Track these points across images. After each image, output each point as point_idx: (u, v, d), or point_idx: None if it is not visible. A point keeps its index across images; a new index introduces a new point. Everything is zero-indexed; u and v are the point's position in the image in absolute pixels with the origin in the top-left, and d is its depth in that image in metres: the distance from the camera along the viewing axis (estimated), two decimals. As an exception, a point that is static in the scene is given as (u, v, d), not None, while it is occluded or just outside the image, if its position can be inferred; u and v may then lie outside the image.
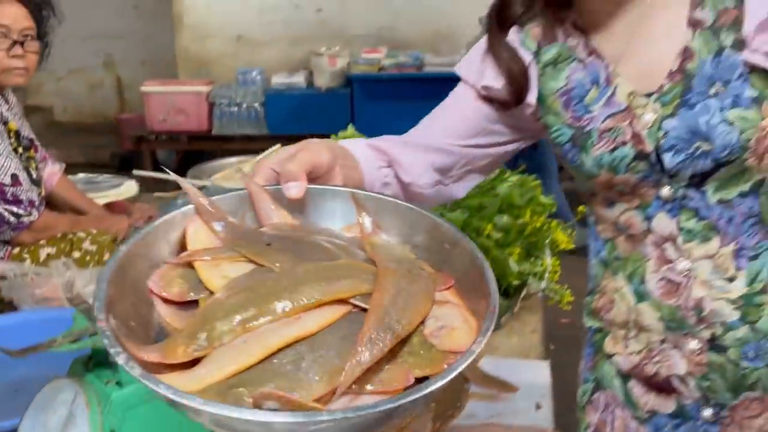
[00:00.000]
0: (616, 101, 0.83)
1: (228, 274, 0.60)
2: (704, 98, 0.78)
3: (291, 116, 4.32)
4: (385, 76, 4.10)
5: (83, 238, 1.68)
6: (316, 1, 4.85)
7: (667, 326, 0.87)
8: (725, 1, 0.78)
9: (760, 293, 0.82)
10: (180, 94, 4.31)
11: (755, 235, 0.82)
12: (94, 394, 0.89)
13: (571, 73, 0.86)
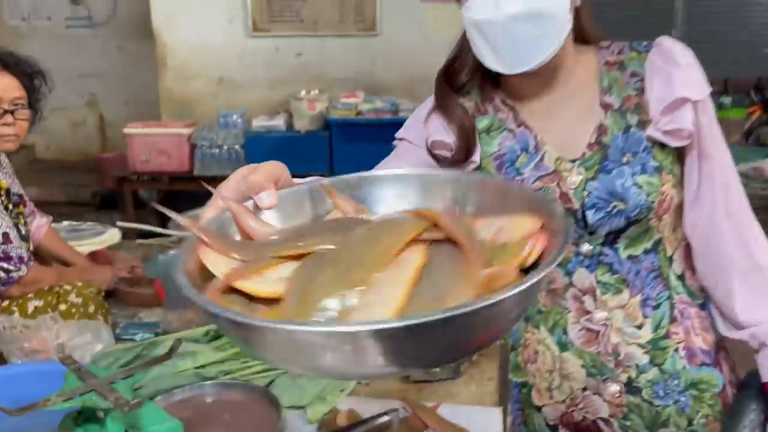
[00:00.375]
0: (545, 165, 0.98)
1: (280, 275, 0.57)
2: (619, 165, 0.95)
3: (271, 158, 4.33)
4: (362, 121, 4.25)
5: (69, 291, 1.77)
6: (296, 46, 5.02)
7: (589, 372, 1.00)
8: (628, 90, 0.96)
9: (664, 338, 0.98)
10: (162, 136, 4.41)
11: (657, 286, 0.98)
12: None
13: (502, 141, 1.02)
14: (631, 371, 0.98)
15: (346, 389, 1.52)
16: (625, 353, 0.98)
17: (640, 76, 0.96)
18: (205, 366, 1.59)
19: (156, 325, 1.89)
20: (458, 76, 1.04)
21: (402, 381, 1.57)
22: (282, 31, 4.98)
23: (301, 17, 4.99)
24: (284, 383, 1.52)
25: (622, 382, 0.99)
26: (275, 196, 0.65)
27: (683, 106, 0.93)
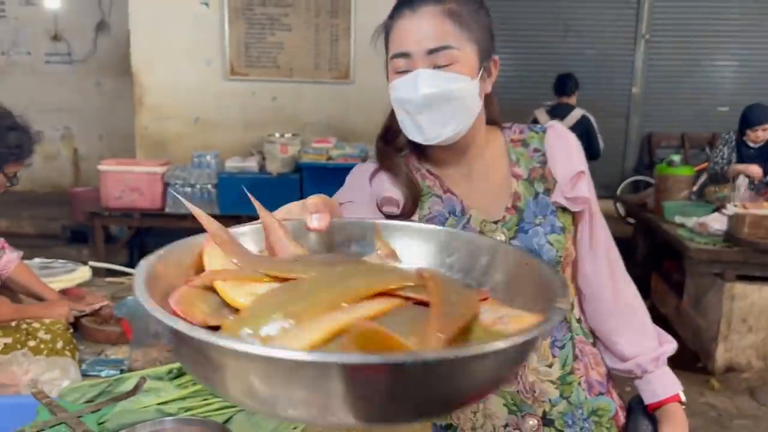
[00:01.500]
0: (471, 227, 1.12)
1: (255, 291, 0.58)
2: (533, 226, 1.10)
3: (242, 198, 4.53)
4: (332, 165, 4.41)
5: (38, 328, 1.85)
6: (271, 90, 5.19)
7: (510, 410, 1.13)
8: (533, 163, 1.13)
9: (570, 374, 1.14)
10: (136, 174, 4.50)
11: (562, 329, 1.15)
12: None
13: (432, 205, 1.14)
14: (546, 405, 1.12)
15: (299, 427, 1.62)
16: (540, 390, 1.12)
17: (541, 151, 1.13)
18: (167, 402, 1.67)
19: (121, 362, 1.97)
20: (396, 140, 1.16)
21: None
22: (258, 75, 5.15)
23: (277, 63, 5.17)
24: (241, 420, 1.61)
25: (539, 415, 1.13)
26: (326, 221, 0.66)
27: (581, 178, 1.10)
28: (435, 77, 1.02)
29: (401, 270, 0.64)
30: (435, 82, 1.02)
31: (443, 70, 1.02)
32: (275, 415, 0.47)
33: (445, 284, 0.59)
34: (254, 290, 0.58)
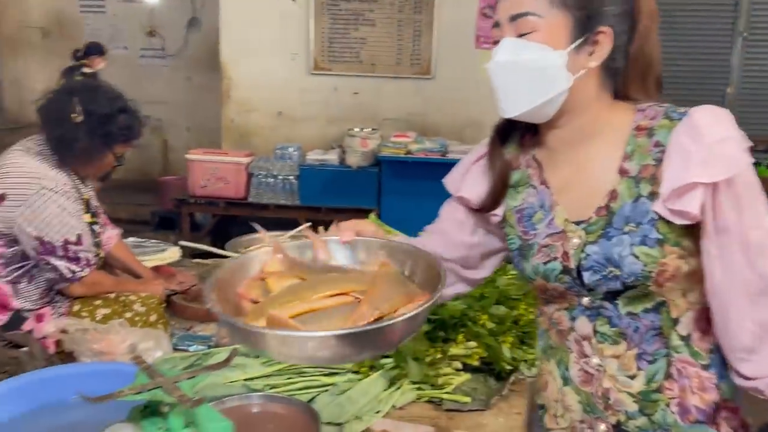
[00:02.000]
0: (555, 224, 1.05)
1: (285, 284, 1.07)
2: (620, 233, 0.97)
3: (322, 190, 4.62)
4: (411, 159, 4.40)
5: (134, 301, 1.93)
6: (353, 85, 5.24)
7: (584, 409, 1.07)
8: (648, 159, 0.98)
9: (656, 391, 1.02)
10: (222, 164, 4.65)
11: (655, 343, 1.01)
12: None
13: (526, 196, 1.09)
14: (620, 415, 1.04)
15: (382, 411, 1.61)
16: (615, 398, 1.03)
17: (663, 146, 0.96)
18: (252, 378, 1.71)
19: (209, 338, 2.02)
20: (513, 130, 1.11)
21: (435, 408, 1.66)
22: (341, 70, 5.21)
23: (360, 58, 5.21)
24: (324, 400, 1.62)
25: (611, 423, 1.05)
26: (348, 237, 1.13)
27: (693, 190, 0.92)
28: (511, 46, 0.97)
29: (362, 278, 1.06)
30: (509, 51, 0.97)
31: (524, 38, 0.97)
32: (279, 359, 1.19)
33: (382, 287, 1.01)
34: (285, 284, 1.07)
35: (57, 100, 1.88)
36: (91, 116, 1.84)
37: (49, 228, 1.79)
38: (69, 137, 1.84)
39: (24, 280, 1.84)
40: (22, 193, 1.78)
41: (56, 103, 1.87)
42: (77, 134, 1.84)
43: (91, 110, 1.84)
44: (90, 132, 1.85)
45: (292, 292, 1.03)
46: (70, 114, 1.83)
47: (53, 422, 1.47)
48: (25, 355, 1.60)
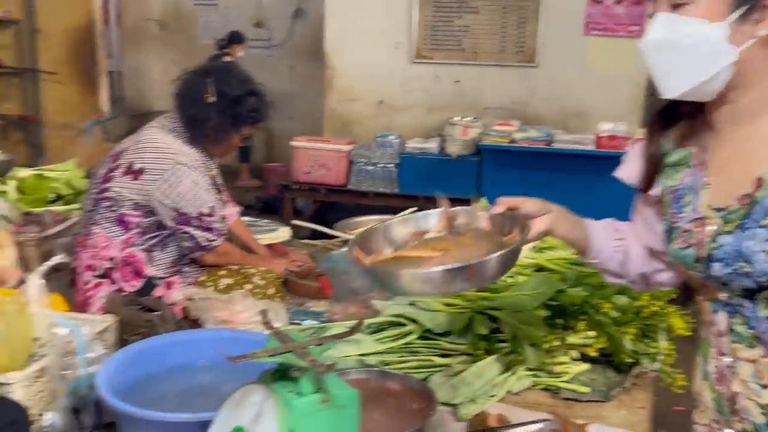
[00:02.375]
0: (698, 209, 0.97)
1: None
2: (756, 226, 0.88)
3: (421, 178, 4.62)
4: (514, 148, 4.31)
5: (254, 274, 2.00)
6: (455, 73, 5.19)
7: (716, 408, 0.99)
8: None
9: None
10: (324, 151, 4.75)
11: None
12: (280, 400, 1.14)
13: (683, 177, 1.01)
14: (746, 424, 0.94)
15: (496, 395, 1.59)
16: (741, 405, 0.94)
17: None
18: (367, 354, 1.73)
19: (321, 314, 2.07)
20: (674, 111, 1.03)
21: (552, 396, 1.61)
22: (443, 58, 5.17)
23: (462, 46, 5.16)
24: (438, 381, 1.62)
25: (737, 430, 0.97)
26: (495, 210, 1.20)
27: None
28: (665, 22, 0.91)
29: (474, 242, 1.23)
30: (663, 28, 0.91)
31: (679, 12, 0.90)
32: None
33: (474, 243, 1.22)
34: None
35: (192, 81, 1.97)
36: (222, 97, 1.92)
37: (184, 201, 1.89)
38: (201, 116, 1.93)
39: (157, 249, 1.95)
40: (159, 168, 1.89)
41: (192, 83, 1.97)
42: (209, 114, 1.92)
43: (223, 92, 1.93)
44: (221, 112, 1.93)
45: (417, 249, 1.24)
46: (204, 94, 1.91)
47: (184, 382, 1.55)
48: (157, 318, 1.69)
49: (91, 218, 1.94)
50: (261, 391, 1.18)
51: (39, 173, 3.15)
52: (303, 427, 1.12)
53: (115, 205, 1.90)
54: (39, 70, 5.99)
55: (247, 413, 1.18)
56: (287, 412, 1.12)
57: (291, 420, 1.11)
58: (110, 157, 1.98)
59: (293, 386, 1.16)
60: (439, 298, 1.75)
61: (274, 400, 1.13)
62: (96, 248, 1.92)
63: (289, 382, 1.18)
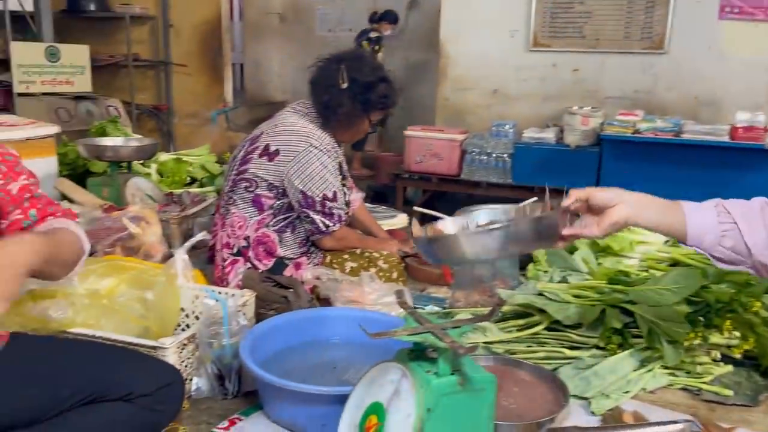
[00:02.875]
0: None
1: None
2: None
3: (536, 169, 4.50)
4: (638, 139, 4.09)
5: (378, 258, 2.04)
6: (573, 61, 5.00)
7: None
8: None
9: None
10: (437, 140, 4.74)
11: None
12: (417, 379, 1.15)
13: None
14: None
15: (630, 392, 1.53)
16: None
17: None
18: (492, 343, 1.72)
19: (443, 300, 2.08)
20: None
21: (692, 397, 1.53)
22: (561, 46, 5.00)
23: (583, 33, 4.96)
24: (567, 373, 1.58)
25: None
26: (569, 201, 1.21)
27: None
28: None
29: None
30: None
31: None
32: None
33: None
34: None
35: (326, 68, 2.03)
36: (354, 83, 1.97)
37: (311, 183, 1.96)
38: (334, 102, 1.99)
39: (288, 230, 2.04)
40: (293, 149, 1.96)
41: (325, 70, 2.03)
42: (341, 99, 1.98)
43: (355, 78, 1.97)
44: (352, 98, 1.98)
45: None
46: (338, 81, 1.97)
47: (317, 356, 1.62)
48: (292, 295, 1.77)
49: (229, 199, 2.05)
50: (398, 369, 1.20)
51: (177, 157, 3.37)
52: (440, 407, 1.13)
53: (251, 186, 2.00)
54: (171, 62, 6.40)
55: (384, 390, 1.21)
56: (425, 391, 1.13)
57: (429, 399, 1.12)
58: (248, 140, 2.09)
59: (430, 366, 1.18)
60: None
61: (412, 379, 1.15)
62: (233, 227, 2.03)
63: (426, 362, 1.19)
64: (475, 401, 1.16)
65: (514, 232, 1.18)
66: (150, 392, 1.26)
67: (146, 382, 1.27)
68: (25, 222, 1.28)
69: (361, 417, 1.21)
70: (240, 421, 1.44)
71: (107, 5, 6.23)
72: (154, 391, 1.27)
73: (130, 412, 1.26)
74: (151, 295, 1.63)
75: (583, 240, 2.07)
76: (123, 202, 2.62)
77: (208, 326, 1.52)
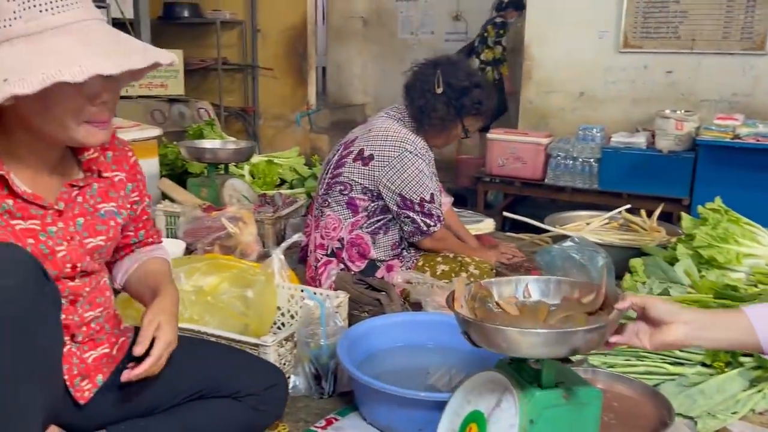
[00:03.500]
0: None
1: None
2: None
3: (625, 174, 4.35)
4: (740, 145, 3.88)
5: (469, 263, 2.03)
6: (666, 63, 4.80)
7: None
8: None
9: None
10: (521, 144, 4.67)
11: None
12: (520, 390, 1.14)
13: None
14: None
15: (738, 413, 1.45)
16: None
17: None
18: (588, 355, 1.68)
19: (534, 309, 2.04)
20: None
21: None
22: (654, 47, 4.81)
23: (677, 34, 4.75)
24: (670, 389, 1.52)
25: None
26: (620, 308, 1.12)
27: None
28: None
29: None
30: None
31: None
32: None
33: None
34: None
35: (422, 73, 2.05)
36: (449, 88, 1.98)
37: (408, 187, 1.98)
38: (429, 107, 2.00)
39: (381, 232, 2.06)
40: (387, 155, 1.99)
41: (421, 75, 2.05)
42: (436, 104, 1.99)
43: (450, 83, 1.98)
44: (447, 103, 1.99)
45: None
46: (433, 85, 1.98)
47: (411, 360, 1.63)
48: (385, 298, 1.78)
49: (323, 201, 2.10)
50: (500, 379, 1.19)
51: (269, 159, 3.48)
52: (543, 419, 1.11)
53: (345, 189, 2.03)
54: (257, 66, 6.60)
55: (484, 399, 1.20)
56: (528, 402, 1.12)
57: (532, 411, 1.11)
58: (341, 144, 2.13)
59: (533, 377, 1.16)
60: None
61: (515, 389, 1.14)
62: (327, 229, 2.07)
63: (526, 372, 1.18)
64: (579, 415, 1.14)
65: (563, 337, 1.04)
66: (257, 392, 1.31)
67: (254, 382, 1.32)
68: (132, 240, 1.37)
69: (461, 425, 1.21)
70: (336, 421, 1.47)
71: (200, 11, 6.50)
72: (261, 391, 1.32)
73: (237, 409, 1.31)
74: (251, 294, 1.69)
75: (684, 250, 1.98)
76: (220, 203, 2.73)
77: (306, 326, 1.56)
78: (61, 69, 0.97)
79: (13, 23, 1.01)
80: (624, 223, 2.61)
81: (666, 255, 2.05)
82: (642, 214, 2.60)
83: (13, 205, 1.10)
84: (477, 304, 1.20)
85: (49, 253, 1.13)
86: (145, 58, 1.07)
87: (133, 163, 1.33)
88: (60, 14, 1.03)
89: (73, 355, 1.21)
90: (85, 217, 1.20)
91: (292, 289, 1.82)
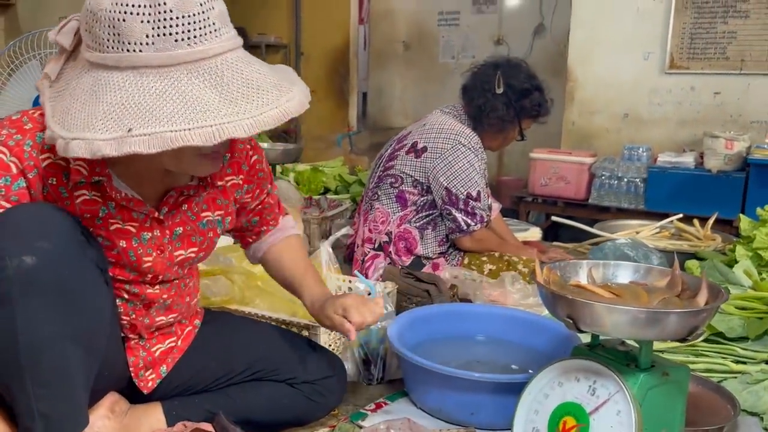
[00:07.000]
0: None
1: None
2: None
3: (672, 195, 4.26)
4: (791, 165, 3.78)
5: (517, 262, 2.01)
6: (714, 84, 4.73)
7: None
8: None
9: None
10: (564, 163, 4.62)
11: None
12: (620, 374, 1.09)
13: None
14: None
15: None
16: None
17: None
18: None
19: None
20: None
21: None
22: (701, 68, 4.74)
23: (726, 54, 4.68)
24: (734, 386, 1.46)
25: None
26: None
27: None
28: None
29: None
30: None
31: None
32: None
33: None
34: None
35: (483, 73, 2.07)
36: (510, 89, 1.98)
37: (457, 180, 1.97)
38: (488, 106, 2.01)
39: (429, 228, 2.06)
40: (441, 146, 1.99)
41: (482, 75, 2.06)
42: (495, 104, 2.00)
43: (510, 84, 1.99)
44: (507, 103, 1.99)
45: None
46: (494, 85, 1.99)
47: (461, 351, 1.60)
48: (434, 289, 1.77)
49: (373, 195, 2.11)
50: (588, 366, 1.13)
51: (314, 167, 3.52)
52: (647, 400, 1.07)
53: (396, 182, 2.04)
54: (301, 88, 6.73)
55: (573, 389, 1.13)
56: (634, 385, 1.08)
57: (639, 393, 1.07)
58: (395, 139, 2.14)
59: (625, 360, 1.13)
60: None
61: (615, 375, 1.09)
62: (375, 222, 2.07)
63: (617, 356, 1.14)
64: (674, 393, 1.11)
65: (687, 318, 1.03)
66: (313, 380, 1.30)
67: (311, 370, 1.31)
68: (245, 222, 1.39)
69: (549, 419, 1.16)
70: (386, 405, 1.45)
71: (246, 35, 6.69)
72: (318, 380, 1.30)
73: (291, 395, 1.30)
74: (300, 281, 1.69)
75: (743, 251, 1.92)
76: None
77: (356, 311, 1.54)
78: (191, 130, 0.88)
79: (143, 49, 0.91)
80: (676, 232, 2.55)
81: (723, 259, 1.98)
82: (695, 224, 2.54)
83: (114, 207, 1.08)
84: (555, 287, 1.16)
85: (135, 260, 1.12)
86: (279, 111, 0.97)
87: (253, 162, 1.27)
88: (195, 47, 0.93)
89: (141, 348, 1.21)
90: (185, 227, 1.17)
91: (340, 279, 1.82)
